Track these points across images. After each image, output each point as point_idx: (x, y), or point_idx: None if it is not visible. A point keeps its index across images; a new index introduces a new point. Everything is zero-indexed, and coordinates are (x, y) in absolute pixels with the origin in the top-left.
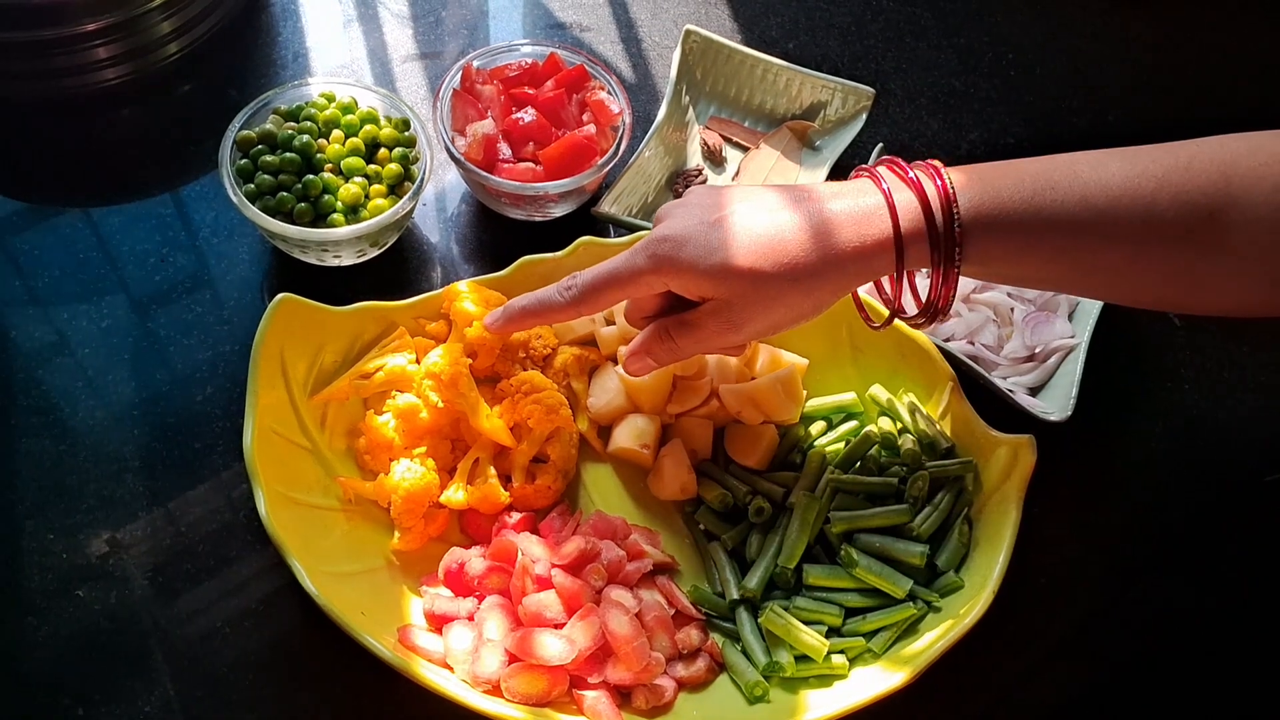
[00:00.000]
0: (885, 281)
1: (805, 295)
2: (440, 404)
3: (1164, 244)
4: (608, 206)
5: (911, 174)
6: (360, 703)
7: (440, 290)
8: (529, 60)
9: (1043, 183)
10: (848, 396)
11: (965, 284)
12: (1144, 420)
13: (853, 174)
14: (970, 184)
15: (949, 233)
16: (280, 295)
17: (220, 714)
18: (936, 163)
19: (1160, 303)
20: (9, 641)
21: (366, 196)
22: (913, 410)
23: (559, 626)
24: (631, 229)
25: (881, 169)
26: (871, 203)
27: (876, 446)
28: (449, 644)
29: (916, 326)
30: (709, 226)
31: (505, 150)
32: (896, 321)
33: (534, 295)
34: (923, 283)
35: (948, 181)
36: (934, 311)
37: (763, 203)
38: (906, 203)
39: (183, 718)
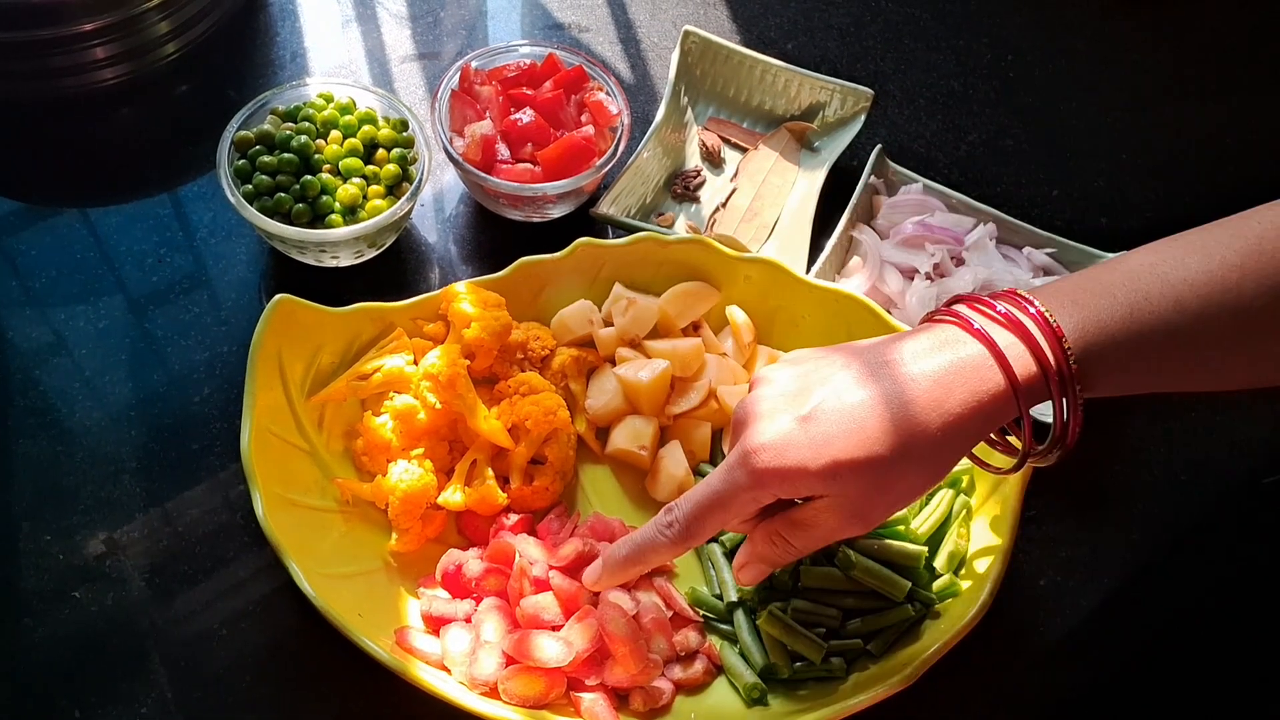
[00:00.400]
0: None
1: (928, 467)
2: (438, 405)
3: (1257, 335)
4: (606, 207)
5: (1000, 309)
6: (357, 705)
7: (438, 291)
8: (527, 61)
9: (1137, 296)
10: None
11: (966, 284)
12: (1144, 420)
13: (922, 319)
14: (1066, 311)
15: (1066, 369)
16: (278, 296)
17: (217, 715)
18: (1019, 291)
19: (1257, 383)
20: (5, 643)
21: (364, 197)
22: None
23: (556, 628)
24: (630, 230)
25: (963, 308)
26: (973, 353)
27: None
28: (446, 646)
29: (1045, 463)
30: (805, 422)
31: (503, 151)
32: (892, 321)
33: (632, 540)
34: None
35: (1046, 315)
36: (1063, 446)
37: (848, 379)
38: (1012, 346)
39: (180, 719)
